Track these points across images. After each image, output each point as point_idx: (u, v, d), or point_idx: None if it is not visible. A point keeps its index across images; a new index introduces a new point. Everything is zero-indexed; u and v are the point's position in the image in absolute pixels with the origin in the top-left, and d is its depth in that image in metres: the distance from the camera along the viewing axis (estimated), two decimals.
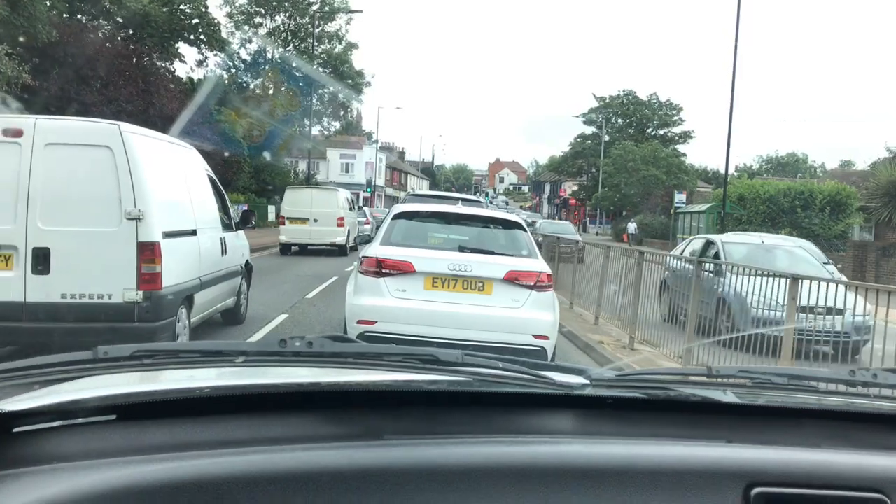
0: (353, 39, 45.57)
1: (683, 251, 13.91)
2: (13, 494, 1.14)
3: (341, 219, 23.89)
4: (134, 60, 28.70)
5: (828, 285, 7.08)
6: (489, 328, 7.01)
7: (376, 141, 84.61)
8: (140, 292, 6.65)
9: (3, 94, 19.48)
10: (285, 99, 43.26)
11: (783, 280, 7.39)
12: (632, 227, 43.89)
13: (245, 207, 19.92)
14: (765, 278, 7.93)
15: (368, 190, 60.75)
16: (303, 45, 44.33)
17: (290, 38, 45.09)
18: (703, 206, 35.13)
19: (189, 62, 39.54)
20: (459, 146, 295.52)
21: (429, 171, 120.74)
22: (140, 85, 27.14)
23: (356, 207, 29.80)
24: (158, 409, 1.36)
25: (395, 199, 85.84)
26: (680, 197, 39.94)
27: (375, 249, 7.51)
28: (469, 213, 8.55)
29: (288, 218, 23.66)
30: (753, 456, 1.42)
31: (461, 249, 7.46)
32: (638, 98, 78.94)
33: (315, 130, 47.52)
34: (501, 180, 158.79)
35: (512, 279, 7.19)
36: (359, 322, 7.12)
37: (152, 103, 26.69)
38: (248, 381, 1.55)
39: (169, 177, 7.85)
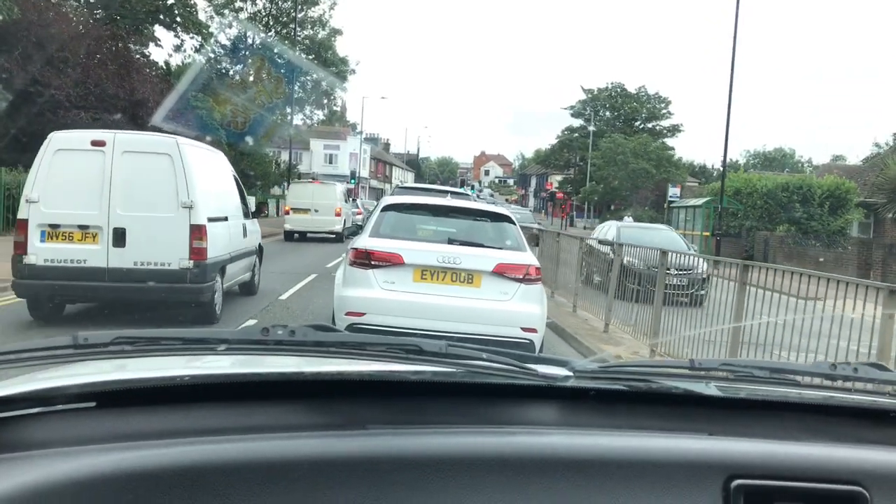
0: (337, 25, 43.71)
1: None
2: None
3: (339, 209, 27.17)
4: (108, 43, 26.96)
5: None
6: (478, 321, 7.00)
7: (361, 132, 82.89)
8: (191, 261, 8.92)
9: None
10: (268, 86, 41.57)
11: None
12: (627, 221, 42.53)
13: None
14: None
15: (352, 181, 58.93)
16: (285, 31, 42.58)
17: (271, 22, 43.30)
18: (700, 201, 33.84)
19: (167, 47, 37.33)
20: (444, 139, 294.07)
21: (414, 163, 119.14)
22: (110, 67, 25.42)
23: (350, 199, 33.62)
24: (139, 396, 1.36)
25: (380, 192, 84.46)
26: (674, 191, 38.66)
27: (364, 241, 7.49)
28: (458, 206, 8.47)
29: (293, 208, 26.87)
30: (734, 448, 1.42)
31: (450, 242, 7.46)
32: (626, 91, 77.73)
33: (297, 119, 45.82)
34: (487, 173, 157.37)
35: (501, 272, 7.21)
36: (347, 314, 7.16)
37: (123, 87, 25.00)
38: (229, 369, 1.56)
39: (209, 176, 9.93)
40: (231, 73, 42.51)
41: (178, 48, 40.06)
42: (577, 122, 79.47)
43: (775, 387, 1.64)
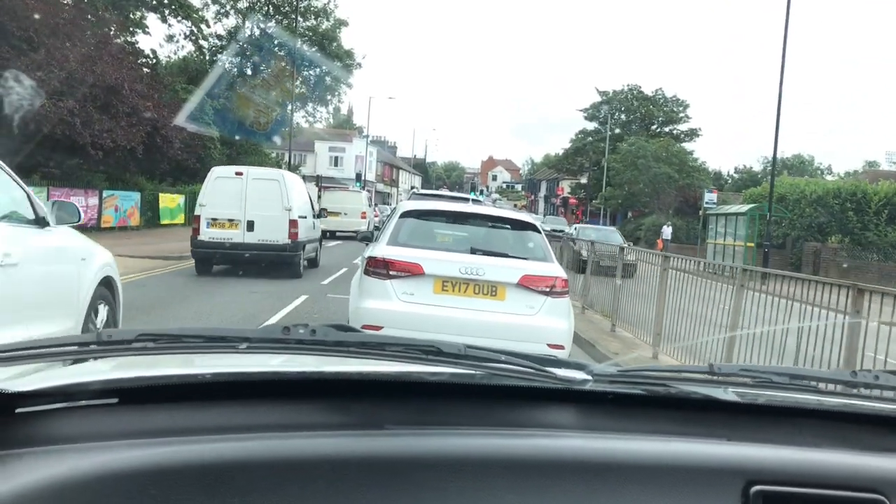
0: (342, 16, 40.09)
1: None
2: (16, 474, 1.13)
3: (364, 213, 31.79)
4: (81, 24, 23.44)
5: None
6: (502, 336, 6.50)
7: (367, 135, 79.28)
8: (289, 240, 14.92)
9: None
10: (274, 77, 38.08)
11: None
12: (667, 231, 38.38)
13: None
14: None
15: (358, 185, 55.38)
16: (285, 22, 39.01)
17: (271, 11, 39.73)
18: (743, 208, 30.04)
19: (157, 37, 33.62)
20: (451, 143, 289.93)
21: (421, 167, 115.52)
22: (80, 49, 21.90)
23: (373, 205, 39.76)
24: (160, 393, 1.36)
25: (387, 195, 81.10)
26: (710, 196, 34.85)
27: (382, 249, 6.97)
28: (481, 213, 8.07)
29: (328, 212, 29.25)
30: (753, 454, 1.41)
31: (473, 251, 7.02)
32: (643, 93, 74.04)
33: (299, 117, 42.21)
34: (494, 178, 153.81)
35: (526, 284, 6.83)
36: (363, 327, 6.38)
37: (92, 70, 21.46)
38: (249, 367, 1.54)
39: (297, 192, 16.13)
40: (227, 65, 38.96)
41: (170, 38, 36.44)
42: (591, 126, 76.00)
43: (795, 393, 1.62)
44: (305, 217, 15.94)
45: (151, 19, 34.48)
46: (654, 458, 1.35)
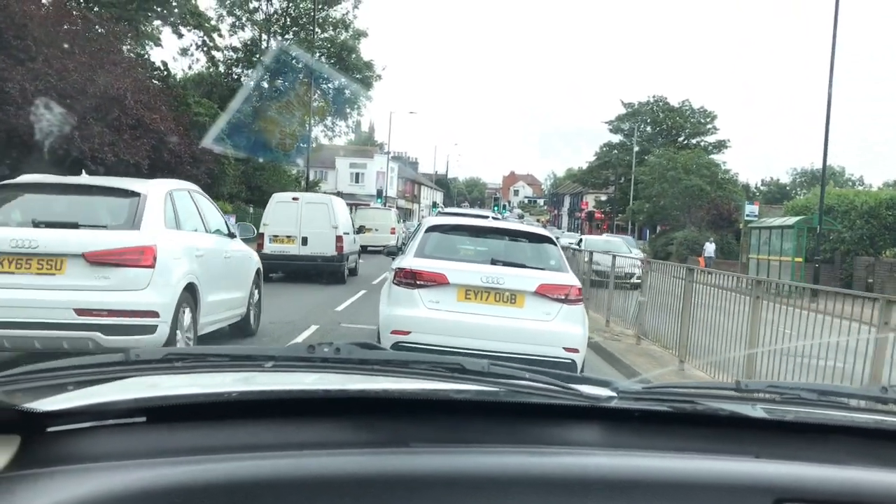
0: (361, 27, 38.52)
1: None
2: (47, 492, 1.14)
3: (393, 228, 33.50)
4: (87, 33, 21.94)
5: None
6: (521, 340, 6.99)
7: (388, 152, 77.82)
8: (336, 252, 17.67)
9: None
10: (292, 91, 36.56)
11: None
12: (710, 248, 35.94)
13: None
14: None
15: (379, 200, 53.83)
16: (302, 34, 37.49)
17: (289, 23, 38.25)
18: (791, 220, 27.87)
19: (171, 49, 32.18)
20: (473, 159, 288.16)
21: (443, 182, 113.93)
22: (80, 58, 20.36)
23: (401, 221, 40.37)
24: (188, 412, 1.36)
25: (408, 212, 79.53)
26: (751, 209, 32.67)
27: (409, 261, 7.46)
28: (501, 227, 8.96)
29: (362, 227, 32.53)
30: (782, 471, 1.38)
31: (493, 262, 7.42)
32: (669, 104, 71.97)
33: (318, 131, 40.63)
34: (516, 193, 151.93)
35: (543, 292, 7.18)
36: (393, 332, 7.14)
37: (93, 80, 19.90)
38: (276, 386, 1.53)
39: (342, 213, 19.17)
40: (243, 79, 37.54)
41: (184, 52, 35.03)
42: (616, 139, 74.02)
43: (824, 409, 1.59)
44: (348, 233, 19.01)
45: (166, 34, 33.04)
46: (682, 476, 1.33)
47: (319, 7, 37.78)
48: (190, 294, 7.43)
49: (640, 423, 1.47)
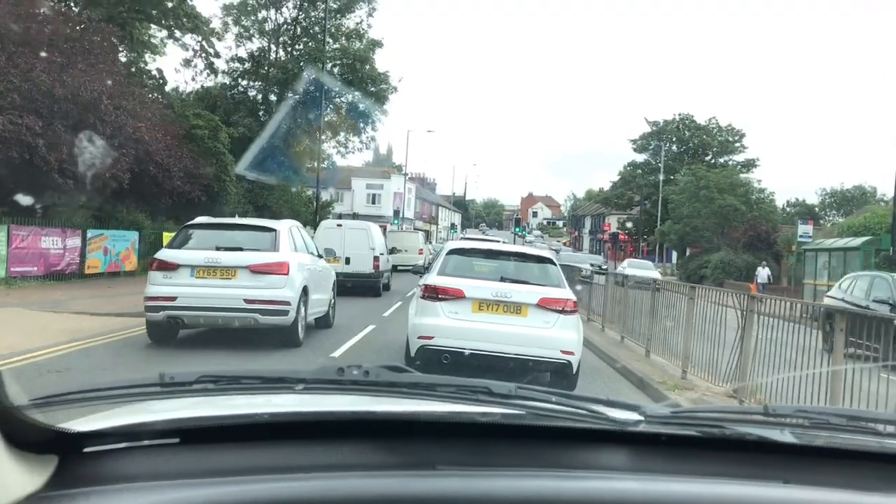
0: (376, 37, 35.56)
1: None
2: None
3: (420, 250, 35.59)
4: (63, 32, 19.15)
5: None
6: (525, 344, 8.20)
7: (406, 173, 74.97)
8: (373, 269, 20.49)
9: None
10: (303, 107, 33.72)
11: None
12: (763, 273, 32.26)
13: None
14: None
15: (395, 222, 50.89)
16: (312, 44, 34.65)
17: (299, 33, 35.48)
18: (855, 241, 24.47)
19: (176, 62, 29.34)
20: (490, 181, 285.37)
21: (461, 204, 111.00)
22: (52, 57, 17.53)
23: (428, 243, 43.47)
24: (220, 433, 1.37)
25: (426, 234, 76.40)
26: (805, 229, 29.19)
27: (433, 279, 8.72)
28: (509, 250, 10.33)
29: (394, 249, 33.53)
30: (811, 497, 1.37)
31: (502, 280, 8.67)
32: (695, 122, 68.72)
33: (330, 147, 37.68)
34: (535, 215, 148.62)
35: (543, 305, 8.32)
36: (419, 337, 8.45)
37: (63, 81, 17.04)
38: (306, 408, 1.54)
39: (378, 237, 21.75)
40: (250, 92, 34.72)
41: (187, 63, 32.26)
42: (641, 158, 70.80)
43: (854, 435, 1.56)
44: (383, 254, 21.64)
45: (170, 49, 30.30)
46: (710, 501, 1.31)
47: (332, 16, 34.96)
48: (304, 293, 10.63)
49: (668, 447, 1.43)
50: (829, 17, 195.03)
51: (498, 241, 21.33)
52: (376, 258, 20.56)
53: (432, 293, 8.52)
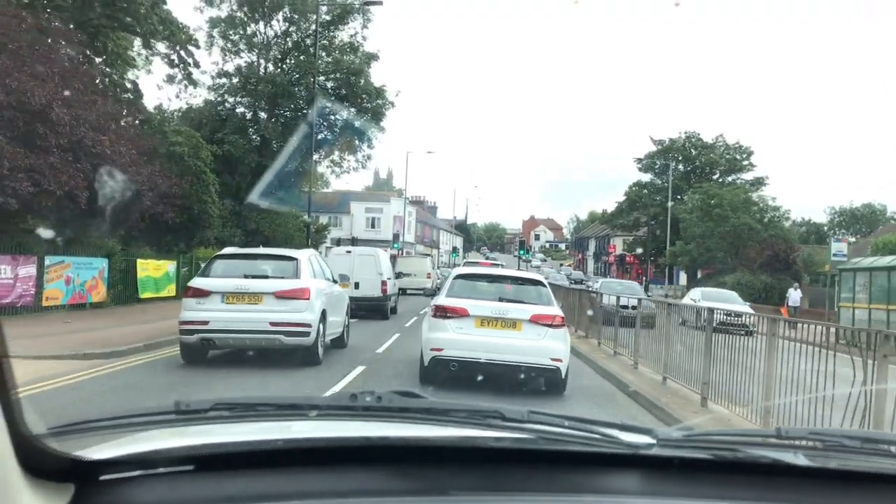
0: (372, 50, 33.27)
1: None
2: None
3: (429, 274, 37.91)
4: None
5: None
6: (520, 353, 9.43)
7: (405, 196, 72.70)
8: (381, 293, 21.21)
9: None
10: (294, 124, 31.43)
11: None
12: (795, 295, 29.50)
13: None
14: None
15: (395, 246, 48.44)
16: (304, 58, 32.42)
17: (290, 48, 33.27)
18: None
19: (159, 77, 26.97)
20: (492, 204, 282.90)
21: (462, 227, 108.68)
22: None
23: (436, 267, 46.22)
24: (235, 460, 1.37)
25: (427, 257, 73.95)
26: (839, 246, 26.70)
27: (442, 300, 10.09)
28: (506, 275, 11.55)
29: (402, 274, 33.13)
30: None
31: (500, 300, 9.97)
32: (702, 140, 66.55)
33: (323, 167, 35.34)
34: (537, 238, 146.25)
35: (535, 320, 9.61)
36: (432, 349, 9.68)
37: (5, 86, 14.65)
38: (320, 434, 1.55)
39: (385, 262, 22.65)
40: (238, 109, 32.43)
41: (171, 79, 30.03)
42: (647, 177, 68.53)
43: (868, 457, 1.54)
44: (391, 278, 22.29)
45: (156, 67, 28.08)
46: None
47: (325, 29, 32.75)
48: (323, 316, 11.57)
49: (681, 470, 1.42)
50: (833, 31, 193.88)
51: (501, 265, 23.86)
52: (384, 283, 21.32)
53: (442, 312, 9.80)
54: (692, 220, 47.41)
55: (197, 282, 11.37)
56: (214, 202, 25.44)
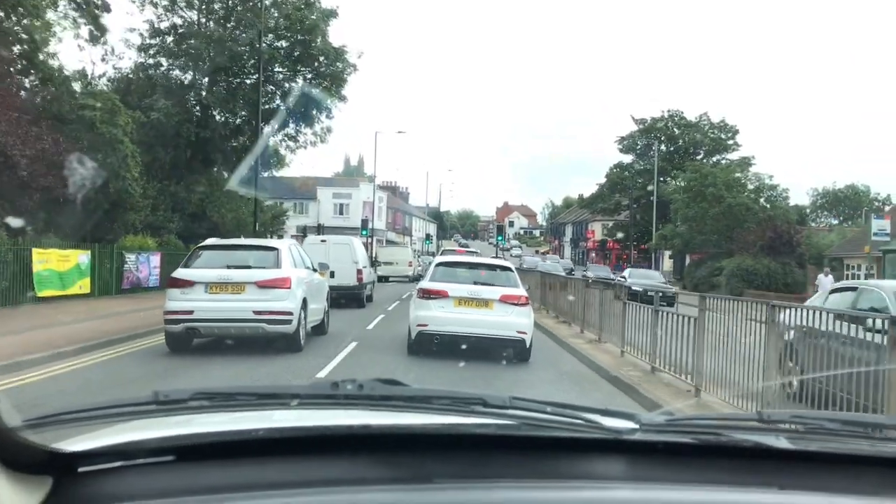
0: (330, 5, 28.57)
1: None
2: None
3: (410, 262, 41.31)
4: None
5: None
6: (491, 328, 11.10)
7: (375, 178, 67.97)
8: (357, 282, 20.82)
9: None
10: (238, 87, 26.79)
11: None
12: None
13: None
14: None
15: (364, 233, 43.88)
16: (249, 15, 27.64)
17: (235, 3, 28.44)
18: None
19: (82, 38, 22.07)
20: (465, 192, 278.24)
21: (436, 214, 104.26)
22: None
23: (417, 256, 48.47)
24: (216, 450, 1.36)
25: (392, 244, 69.61)
26: (881, 224, 22.78)
27: (426, 284, 11.84)
28: (481, 262, 13.28)
29: (384, 262, 37.59)
30: (807, 502, 1.36)
31: (475, 283, 11.61)
32: (685, 119, 62.79)
33: (276, 140, 30.64)
34: (511, 224, 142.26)
35: (504, 300, 11.29)
36: (418, 325, 11.31)
37: None
38: (301, 423, 1.54)
39: (360, 250, 22.45)
40: (174, 72, 27.61)
41: (95, 40, 25.14)
42: (628, 159, 64.70)
43: (849, 440, 1.55)
44: (366, 267, 22.50)
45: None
46: None
47: None
48: (304, 304, 11.72)
49: (664, 455, 1.43)
50: (818, 8, 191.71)
51: (477, 252, 25.53)
52: (359, 271, 21.11)
53: (426, 294, 11.55)
54: (683, 200, 43.50)
55: (180, 272, 11.59)
56: (135, 179, 20.79)
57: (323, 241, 22.36)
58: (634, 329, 11.88)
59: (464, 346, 10.81)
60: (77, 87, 22.16)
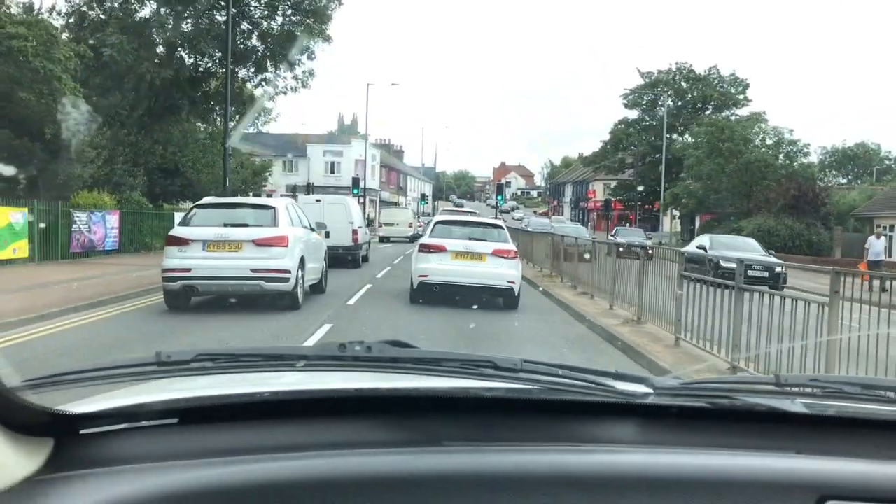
0: None
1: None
2: (80, 494, 1.12)
3: (410, 223, 42.07)
4: None
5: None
6: (484, 277, 12.37)
7: (367, 136, 64.31)
8: (353, 242, 20.40)
9: None
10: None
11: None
12: (878, 245, 21.69)
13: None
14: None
15: (355, 192, 40.72)
16: None
17: None
18: None
19: None
20: (461, 152, 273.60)
21: (431, 174, 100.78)
22: None
23: (419, 217, 52.23)
24: (220, 412, 1.33)
25: (394, 205, 66.31)
26: None
27: (426, 239, 13.22)
28: (475, 220, 15.06)
29: (384, 223, 42.85)
30: (824, 468, 1.30)
31: (470, 239, 12.92)
32: (694, 73, 59.21)
33: (253, 82, 27.26)
34: (508, 185, 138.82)
35: (496, 253, 12.55)
36: (419, 276, 12.54)
37: None
38: (308, 385, 1.49)
39: (356, 210, 22.09)
40: (127, 4, 24.10)
41: None
42: (634, 114, 61.22)
43: (867, 403, 1.50)
44: (361, 227, 22.03)
45: None
46: (721, 473, 1.26)
47: None
48: (301, 262, 11.81)
49: (677, 419, 1.40)
50: None
51: (474, 213, 28.02)
52: (355, 231, 20.71)
53: (426, 248, 12.77)
54: (698, 156, 40.31)
55: (178, 230, 11.66)
56: (82, 123, 17.56)
57: (318, 200, 21.83)
58: (695, 312, 8.71)
59: (458, 297, 12.22)
60: (15, 13, 18.79)
